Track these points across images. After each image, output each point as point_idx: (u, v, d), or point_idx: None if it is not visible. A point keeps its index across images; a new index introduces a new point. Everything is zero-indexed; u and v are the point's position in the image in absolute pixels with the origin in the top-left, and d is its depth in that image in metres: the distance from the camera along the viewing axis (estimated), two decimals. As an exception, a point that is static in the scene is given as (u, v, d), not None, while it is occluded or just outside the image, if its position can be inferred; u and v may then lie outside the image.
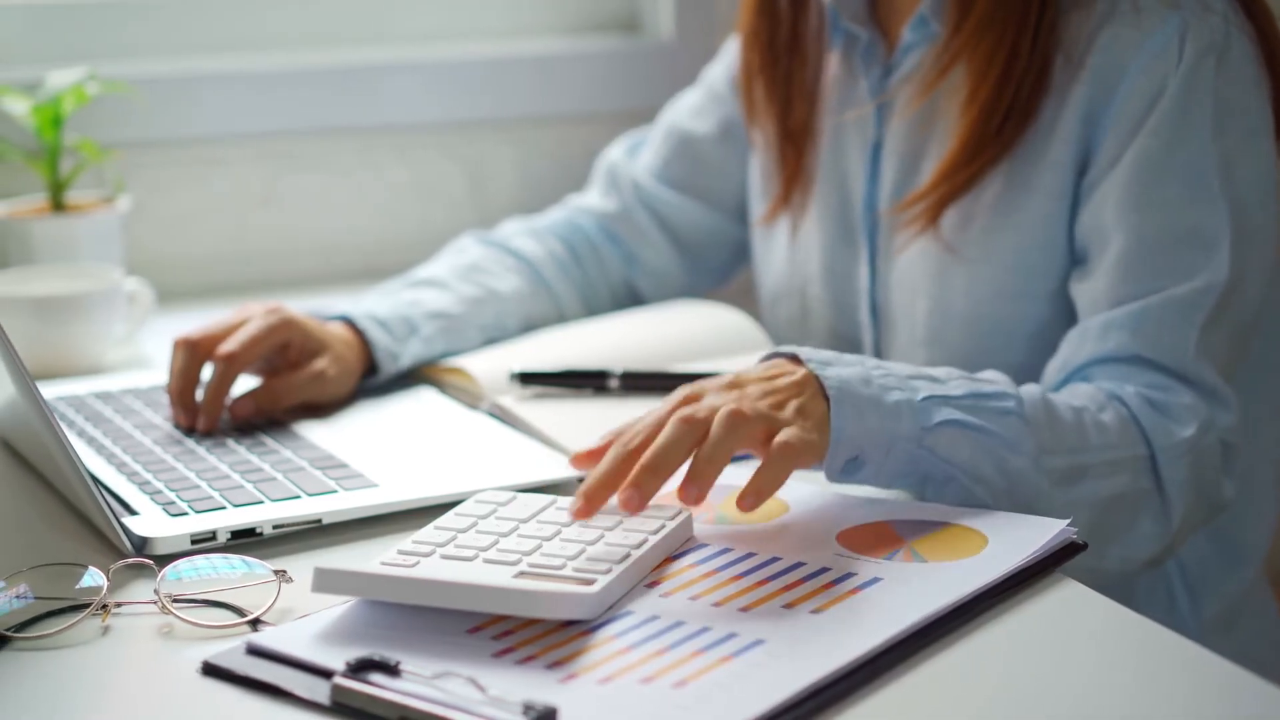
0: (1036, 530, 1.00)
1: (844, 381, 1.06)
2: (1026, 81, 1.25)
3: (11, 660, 0.91)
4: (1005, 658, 0.89)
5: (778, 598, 0.93)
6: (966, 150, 1.27)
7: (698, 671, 0.85)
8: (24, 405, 1.02)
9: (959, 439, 1.07)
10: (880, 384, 1.07)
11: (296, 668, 0.87)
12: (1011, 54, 1.25)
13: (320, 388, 1.27)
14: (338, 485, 1.11)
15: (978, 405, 1.09)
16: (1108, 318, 1.21)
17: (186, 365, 1.25)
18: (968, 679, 0.87)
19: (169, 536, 1.03)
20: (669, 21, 1.93)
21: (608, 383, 1.29)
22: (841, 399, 1.05)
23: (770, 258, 1.49)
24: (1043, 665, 0.89)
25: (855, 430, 1.05)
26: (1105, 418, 1.15)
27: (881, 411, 1.05)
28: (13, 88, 1.61)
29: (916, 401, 1.07)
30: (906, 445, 1.06)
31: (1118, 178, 1.22)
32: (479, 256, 1.46)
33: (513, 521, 1.00)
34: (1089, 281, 1.23)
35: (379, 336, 1.32)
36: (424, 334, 1.35)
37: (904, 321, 1.35)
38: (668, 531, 0.99)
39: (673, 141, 1.55)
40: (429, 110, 1.85)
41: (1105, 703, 0.85)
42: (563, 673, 0.85)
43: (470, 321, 1.39)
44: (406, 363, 1.34)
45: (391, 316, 1.34)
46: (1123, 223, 1.21)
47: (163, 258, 1.74)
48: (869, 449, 1.06)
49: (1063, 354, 1.23)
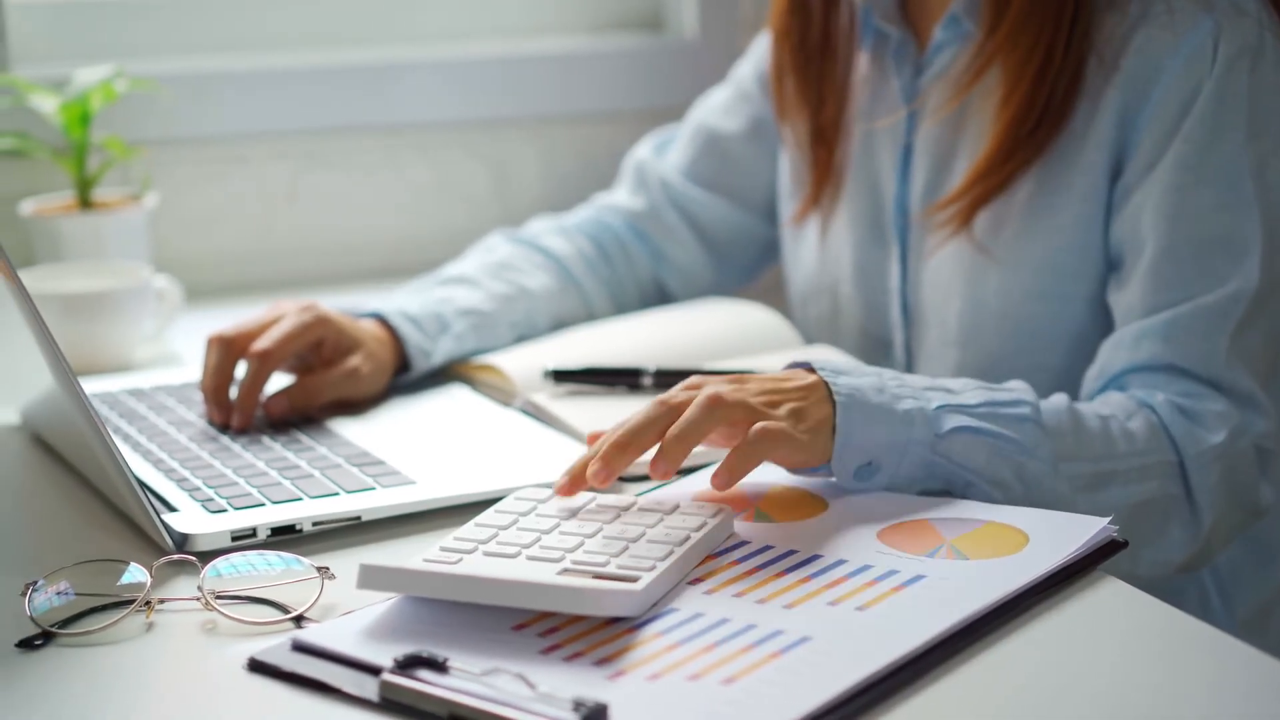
0: (1077, 528, 1.00)
1: (855, 389, 1.06)
2: (1060, 83, 1.25)
3: (56, 656, 0.91)
4: (1052, 655, 0.89)
5: (822, 595, 0.93)
6: (1000, 153, 1.27)
7: (746, 668, 0.85)
8: (66, 401, 1.02)
9: (973, 445, 1.08)
10: (894, 393, 1.07)
11: (343, 664, 0.87)
12: (1047, 56, 1.25)
13: (354, 385, 1.27)
14: (375, 482, 1.11)
15: (992, 412, 1.09)
16: (1141, 326, 1.21)
17: (221, 362, 1.25)
18: (1015, 676, 0.87)
19: (210, 533, 1.03)
20: (692, 19, 1.93)
21: (641, 380, 1.29)
22: (850, 405, 1.05)
23: (800, 257, 1.49)
24: (1089, 662, 0.89)
25: (863, 437, 1.05)
26: (1133, 425, 1.15)
27: (892, 419, 1.06)
28: (40, 85, 1.61)
29: (929, 410, 1.07)
30: (920, 451, 1.07)
31: (1151, 184, 1.22)
32: (509, 254, 1.46)
33: (554, 518, 1.00)
34: (1124, 289, 1.24)
35: (411, 333, 1.32)
36: (455, 331, 1.35)
37: (935, 321, 1.35)
38: (709, 529, 0.99)
39: (701, 140, 1.55)
40: (452, 108, 1.85)
41: (1152, 699, 0.85)
42: (610, 669, 0.85)
43: (501, 319, 1.39)
44: (439, 360, 1.34)
45: (423, 314, 1.34)
46: (1155, 230, 1.22)
47: (187, 255, 1.74)
48: (881, 455, 1.06)
49: (1099, 362, 1.23)
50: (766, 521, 1.04)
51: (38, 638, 0.92)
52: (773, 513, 1.06)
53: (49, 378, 1.09)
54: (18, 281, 0.97)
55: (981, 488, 1.08)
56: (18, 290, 0.98)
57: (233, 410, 1.24)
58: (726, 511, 1.02)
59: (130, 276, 1.48)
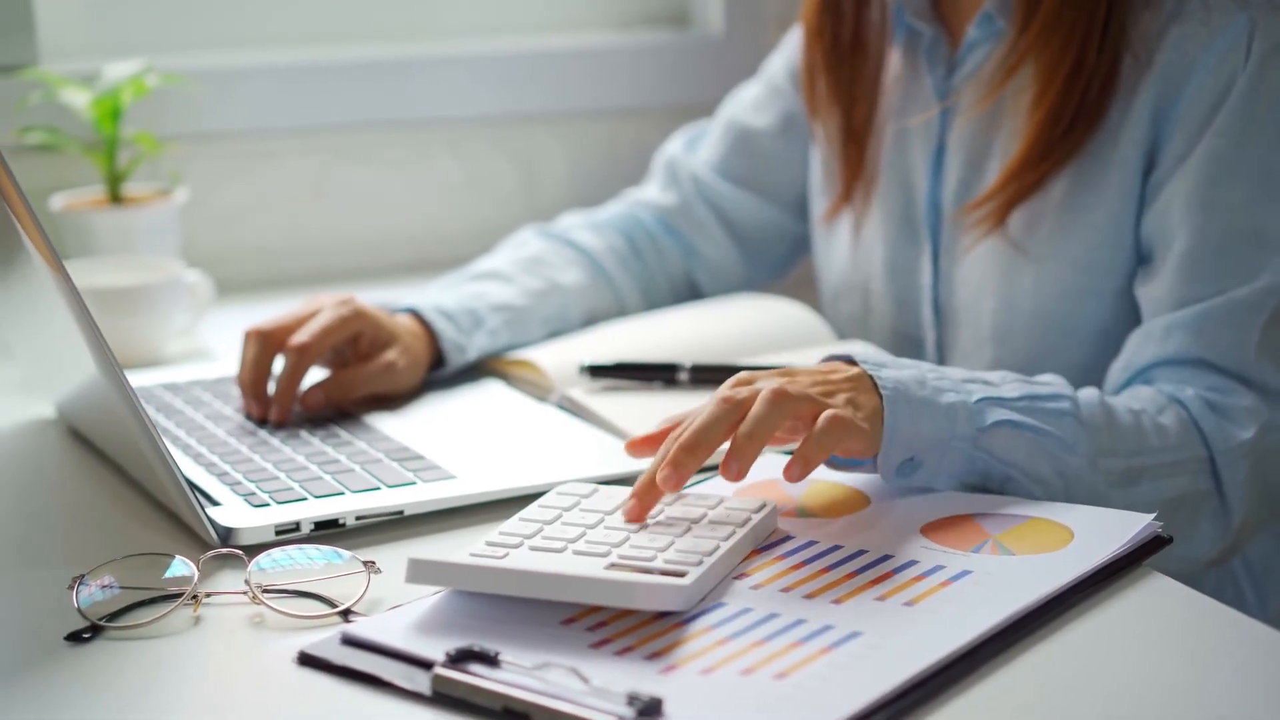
0: (1121, 524, 1.00)
1: (899, 382, 1.06)
2: (1095, 82, 1.25)
3: (105, 649, 0.91)
4: (1101, 650, 0.89)
5: (869, 590, 0.93)
6: (1034, 152, 1.27)
7: (798, 663, 0.85)
8: (110, 395, 1.02)
9: (1015, 439, 1.08)
10: (935, 386, 1.07)
11: (393, 658, 0.87)
12: (1080, 54, 1.25)
13: (391, 379, 1.27)
14: (416, 477, 1.11)
15: (1033, 406, 1.09)
16: (1170, 320, 1.21)
17: (259, 356, 1.25)
18: (1066, 671, 0.87)
19: (254, 527, 1.03)
20: (718, 15, 1.93)
21: (677, 376, 1.29)
22: (896, 399, 1.05)
23: (832, 254, 1.49)
24: (1139, 658, 0.89)
25: (909, 431, 1.05)
26: (1165, 420, 1.15)
27: (936, 413, 1.06)
28: (70, 80, 1.61)
29: (971, 403, 1.07)
30: (962, 445, 1.06)
31: (1183, 178, 1.22)
32: (541, 249, 1.46)
33: (597, 514, 1.00)
34: (1153, 282, 1.23)
35: (446, 329, 1.32)
36: (489, 326, 1.35)
37: (969, 320, 1.35)
38: (754, 524, 0.99)
39: (732, 136, 1.55)
40: (480, 104, 1.86)
41: (1203, 695, 0.85)
42: (662, 664, 0.85)
43: (534, 314, 1.39)
44: (473, 355, 1.34)
45: (457, 309, 1.34)
46: (1187, 223, 1.21)
47: (216, 250, 1.75)
48: (924, 450, 1.06)
49: (1126, 355, 1.23)
50: (809, 517, 1.04)
51: (86, 630, 0.93)
52: (815, 508, 1.06)
53: (86, 371, 1.09)
54: (64, 274, 0.97)
55: (1021, 482, 1.08)
56: (63, 283, 0.98)
57: (270, 404, 1.24)
58: (771, 507, 1.02)
59: (162, 271, 1.48)
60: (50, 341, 1.19)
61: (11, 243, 1.05)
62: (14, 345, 1.31)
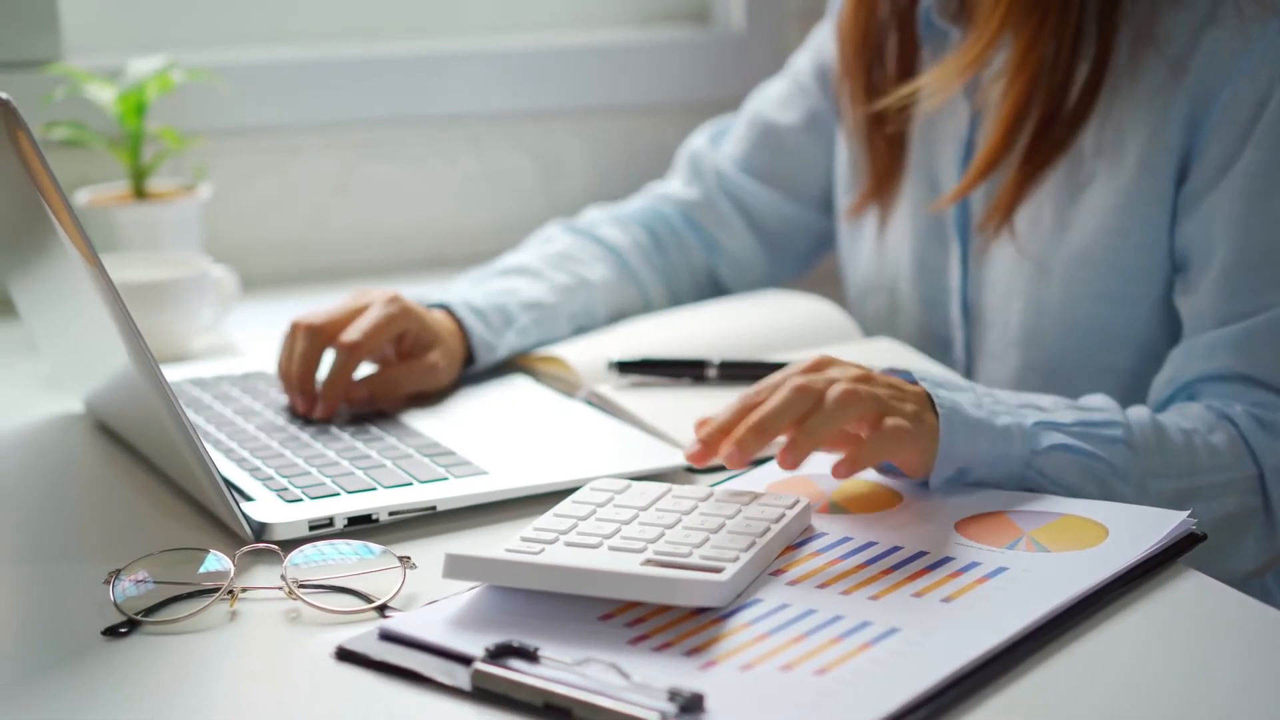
0: (1156, 522, 1.00)
1: (956, 404, 1.05)
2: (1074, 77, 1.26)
3: (142, 644, 0.91)
4: (1142, 647, 0.89)
5: (905, 586, 0.93)
6: (999, 147, 1.29)
7: (838, 659, 0.85)
8: (144, 389, 1.02)
9: (1068, 463, 1.08)
10: (990, 409, 1.07)
11: (432, 653, 0.87)
12: (1053, 49, 1.26)
13: (433, 379, 1.27)
14: (448, 473, 1.11)
15: (1087, 432, 1.10)
16: (1214, 337, 1.21)
17: (308, 350, 1.23)
18: (1106, 668, 0.87)
19: (288, 523, 1.03)
20: (739, 12, 1.93)
21: (706, 372, 1.29)
22: (952, 418, 1.05)
23: (857, 252, 1.49)
24: (1180, 655, 0.89)
25: (964, 451, 1.05)
26: (1216, 439, 1.16)
27: (992, 435, 1.06)
28: (94, 75, 1.61)
29: (1027, 426, 1.07)
30: (1014, 465, 1.07)
31: (1223, 191, 1.22)
32: (567, 245, 1.46)
33: (632, 509, 1.00)
34: (1194, 295, 1.24)
35: (476, 326, 1.32)
36: (520, 324, 1.35)
37: (997, 322, 1.35)
38: (788, 520, 0.99)
39: (757, 131, 1.55)
40: (501, 100, 1.86)
41: (1237, 692, 0.85)
42: (701, 659, 0.85)
43: (562, 311, 1.39)
44: (502, 354, 1.34)
45: (488, 307, 1.34)
46: (1227, 237, 1.21)
47: (240, 245, 1.75)
48: (976, 466, 1.06)
49: (1169, 370, 1.23)
50: (842, 514, 1.04)
51: (123, 625, 0.93)
52: (847, 505, 1.06)
53: (117, 366, 1.10)
54: (100, 268, 0.97)
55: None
56: (99, 277, 0.98)
57: (316, 399, 1.23)
58: (804, 503, 1.02)
59: (189, 266, 1.48)
60: (79, 336, 1.19)
61: (44, 238, 1.05)
62: (42, 340, 1.31)
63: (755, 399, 1.03)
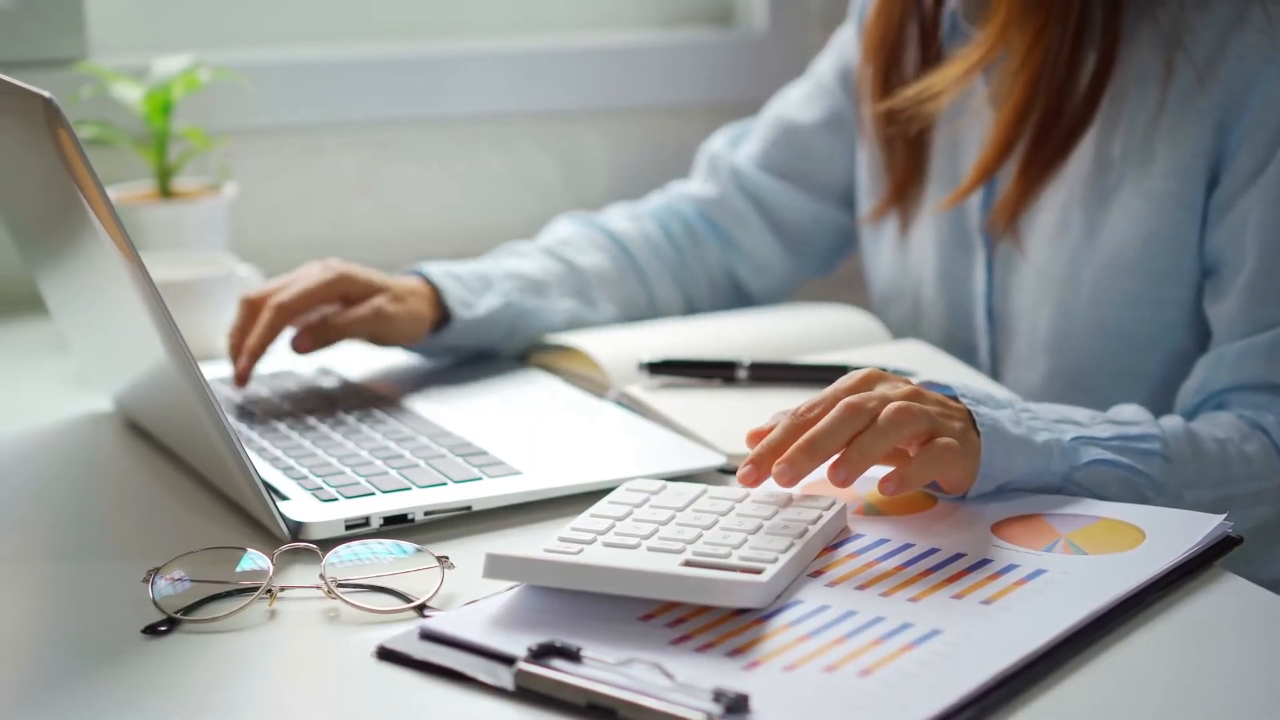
0: (1193, 524, 1.00)
1: (996, 421, 1.05)
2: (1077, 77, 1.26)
3: (182, 642, 0.91)
4: (1182, 649, 0.89)
5: (945, 588, 0.93)
6: (1000, 146, 1.29)
7: (880, 660, 0.85)
8: (182, 387, 1.02)
9: (1107, 477, 1.08)
10: (1029, 425, 1.07)
11: (473, 653, 0.87)
12: (1053, 50, 1.26)
13: (382, 325, 1.28)
14: (482, 472, 1.11)
15: (1124, 446, 1.10)
16: (1244, 346, 1.21)
17: (243, 322, 1.27)
18: (1149, 671, 0.87)
19: (324, 522, 1.03)
20: (762, 14, 1.93)
21: (736, 373, 1.29)
22: (992, 436, 1.04)
23: (879, 257, 1.49)
24: (1219, 658, 0.89)
25: (1005, 468, 1.05)
26: (1249, 449, 1.16)
27: (1031, 451, 1.06)
28: (121, 74, 1.61)
29: (1065, 442, 1.07)
30: (1053, 480, 1.07)
31: (1253, 198, 1.22)
32: (569, 233, 1.47)
33: (669, 510, 1.00)
34: (1223, 302, 1.24)
35: (451, 286, 1.33)
36: (501, 289, 1.35)
37: (1025, 328, 1.35)
38: (825, 522, 0.99)
39: (777, 129, 1.55)
40: (524, 100, 1.86)
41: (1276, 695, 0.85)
42: (744, 660, 0.85)
43: (551, 288, 1.39)
44: (482, 311, 1.34)
45: (467, 273, 1.36)
46: (1258, 245, 1.21)
47: (263, 245, 1.75)
48: (1016, 482, 1.06)
49: (1198, 378, 1.23)
50: (877, 515, 1.04)
51: (162, 624, 0.93)
52: (882, 506, 1.05)
53: (150, 364, 1.10)
54: (140, 265, 0.97)
55: None
56: (138, 274, 0.98)
57: None
58: (840, 504, 1.02)
59: (215, 266, 1.48)
60: (111, 334, 1.19)
61: (78, 235, 1.05)
62: (72, 337, 1.31)
63: (806, 417, 1.02)
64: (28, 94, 0.96)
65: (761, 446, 1.01)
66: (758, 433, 1.05)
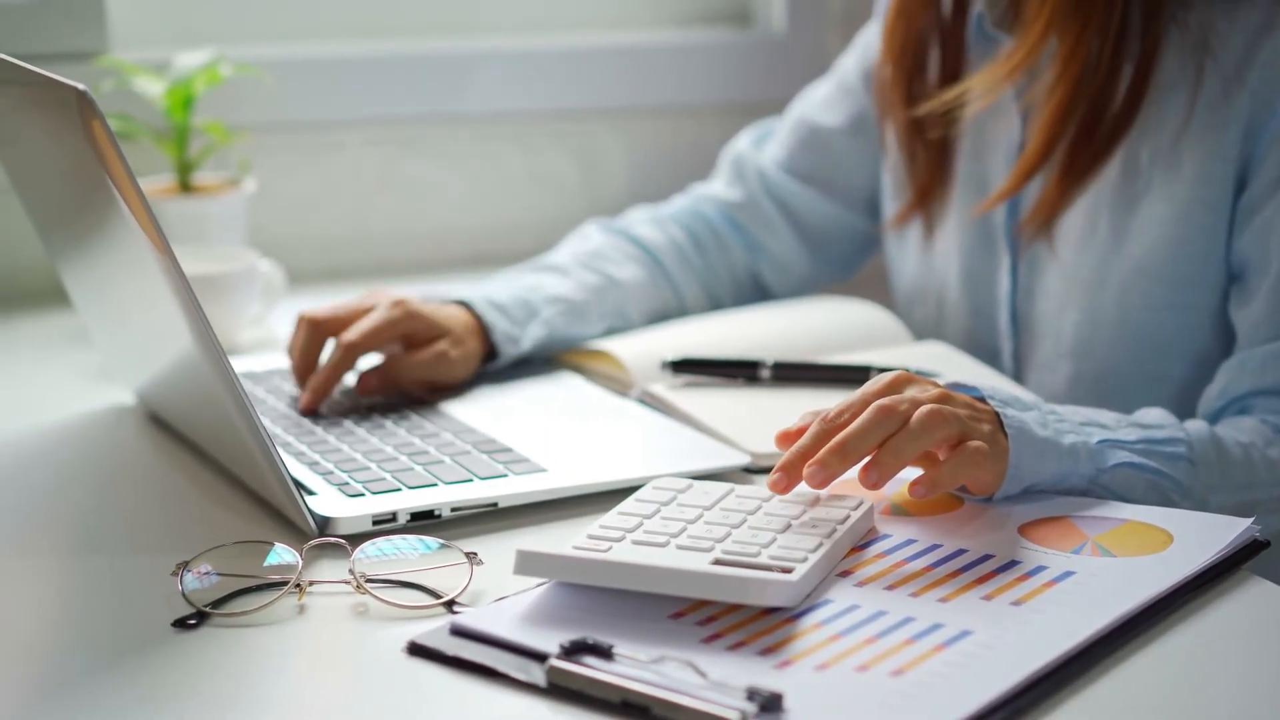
0: (1221, 528, 1.00)
1: (1023, 423, 1.05)
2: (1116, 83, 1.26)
3: (211, 636, 0.91)
4: (1214, 652, 0.89)
5: (975, 589, 0.93)
6: (1041, 151, 1.29)
7: (913, 660, 0.85)
8: (211, 380, 1.02)
9: (1134, 480, 1.08)
10: (1055, 427, 1.07)
11: (504, 649, 0.87)
12: (1095, 56, 1.26)
13: (443, 368, 1.28)
14: (507, 470, 1.11)
15: (1150, 450, 1.10)
16: (1268, 350, 1.21)
17: (308, 344, 1.26)
18: (1179, 673, 0.87)
19: (351, 517, 1.03)
20: (781, 14, 1.93)
21: (759, 373, 1.29)
22: (1020, 439, 1.04)
23: (902, 259, 1.49)
24: (1250, 660, 0.89)
25: (1032, 471, 1.05)
26: (1273, 454, 1.16)
27: (1059, 454, 1.06)
28: (142, 68, 1.61)
29: (1092, 445, 1.07)
30: (1079, 483, 1.07)
31: (1278, 203, 1.22)
32: (601, 244, 1.46)
33: (696, 509, 1.00)
34: (1249, 307, 1.24)
35: (498, 321, 1.32)
36: (544, 317, 1.35)
37: (1049, 332, 1.35)
38: (853, 522, 0.99)
39: (801, 133, 1.55)
40: (542, 99, 1.86)
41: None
42: (776, 659, 0.85)
43: (591, 309, 1.38)
44: (527, 346, 1.33)
45: (511, 301, 1.34)
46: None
47: (282, 240, 1.75)
48: (1042, 484, 1.06)
49: (1221, 382, 1.23)
50: (904, 516, 1.04)
51: (192, 617, 0.93)
52: (908, 507, 1.05)
53: (173, 356, 1.10)
54: (171, 257, 0.98)
55: None
56: (170, 267, 0.98)
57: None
58: (868, 504, 1.02)
59: (237, 260, 1.48)
60: (136, 327, 1.19)
61: (106, 227, 1.06)
62: (95, 329, 1.31)
63: (836, 423, 1.02)
64: (61, 86, 0.97)
65: (791, 453, 1.01)
66: (787, 434, 1.05)
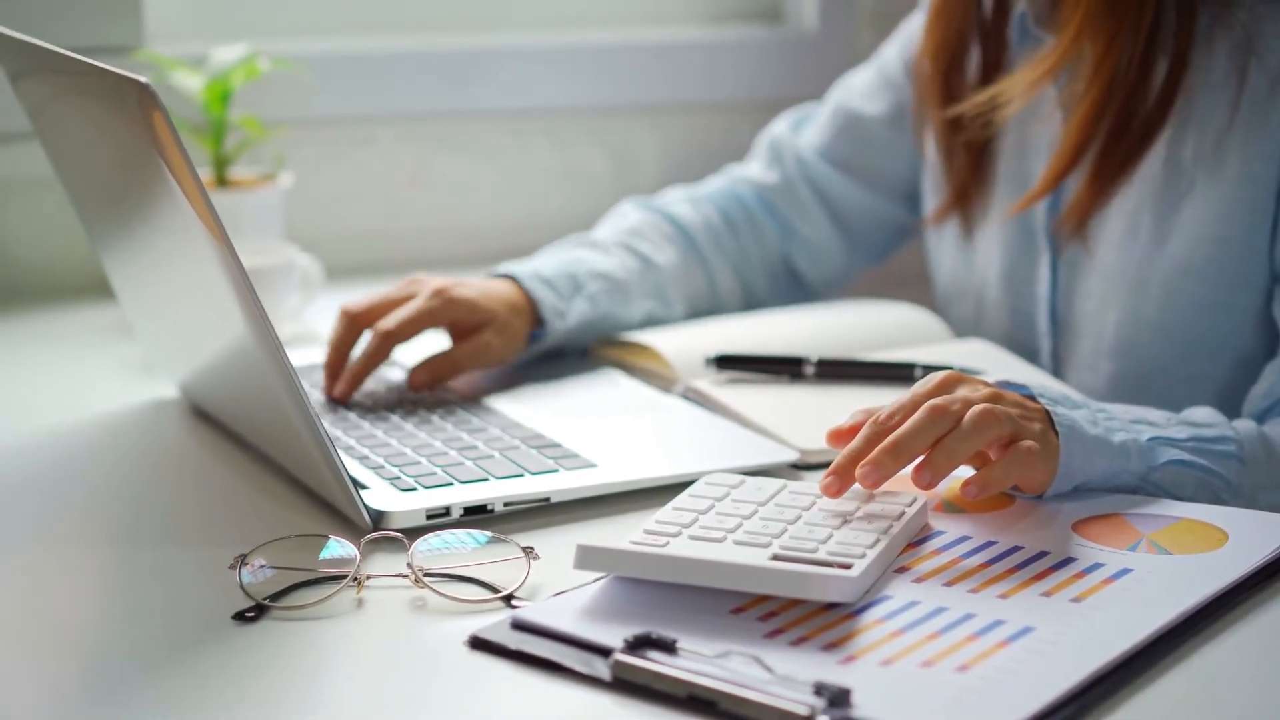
0: (1276, 525, 1.00)
1: (1073, 421, 1.05)
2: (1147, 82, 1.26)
3: (270, 629, 0.91)
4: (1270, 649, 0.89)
5: (1032, 585, 0.93)
6: (1071, 152, 1.29)
7: (977, 656, 0.85)
8: (266, 371, 1.02)
9: (1184, 478, 1.08)
10: (1105, 425, 1.07)
11: (567, 643, 0.87)
12: (1126, 55, 1.26)
13: (487, 357, 1.28)
14: (557, 465, 1.11)
15: (1200, 448, 1.10)
16: None
17: (343, 336, 1.27)
18: (1242, 670, 0.87)
19: (406, 511, 1.03)
20: (812, 11, 1.93)
21: (804, 370, 1.29)
22: (1071, 437, 1.04)
23: (941, 256, 1.49)
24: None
25: (1082, 469, 1.05)
26: None
27: (1109, 452, 1.06)
28: (179, 62, 1.61)
29: (1142, 442, 1.07)
30: (1129, 480, 1.07)
31: None
32: (638, 222, 1.46)
33: (750, 505, 1.00)
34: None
35: (545, 295, 1.33)
36: (589, 292, 1.35)
37: (1089, 331, 1.35)
38: (909, 518, 0.99)
39: (840, 120, 1.54)
40: (575, 95, 1.86)
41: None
42: (841, 654, 0.85)
43: (633, 290, 1.39)
44: (573, 321, 1.34)
45: (557, 275, 1.35)
46: None
47: (316, 235, 1.75)
48: (1092, 482, 1.06)
49: (1266, 383, 1.23)
50: (957, 513, 1.04)
51: (251, 610, 0.93)
52: (961, 503, 1.05)
53: (222, 348, 1.10)
54: (230, 248, 0.98)
55: None
56: (227, 258, 0.98)
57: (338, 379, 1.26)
58: (922, 500, 1.02)
59: (275, 254, 1.48)
60: (182, 319, 1.19)
61: (158, 218, 1.06)
62: (137, 320, 1.31)
63: (887, 425, 1.02)
64: (121, 79, 0.97)
65: (843, 457, 1.01)
66: (839, 432, 1.05)
